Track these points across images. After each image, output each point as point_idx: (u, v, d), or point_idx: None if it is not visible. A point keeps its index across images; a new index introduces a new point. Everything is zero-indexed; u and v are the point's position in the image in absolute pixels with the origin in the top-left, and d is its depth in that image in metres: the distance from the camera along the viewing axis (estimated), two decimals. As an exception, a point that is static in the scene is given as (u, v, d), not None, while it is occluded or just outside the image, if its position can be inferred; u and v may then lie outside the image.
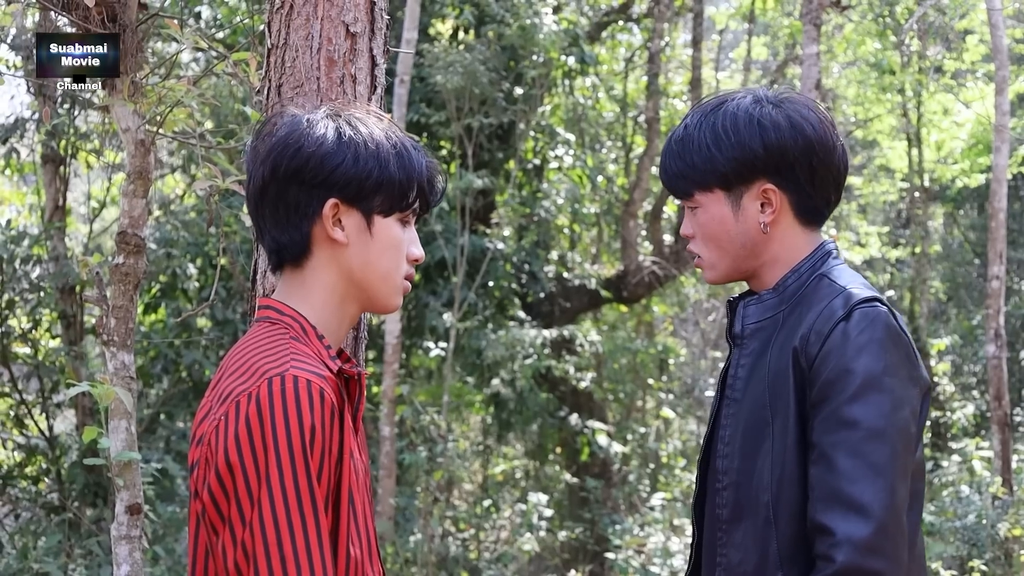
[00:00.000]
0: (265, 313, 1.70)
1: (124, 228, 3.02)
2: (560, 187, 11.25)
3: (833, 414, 1.80)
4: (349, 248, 1.69)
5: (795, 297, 1.96)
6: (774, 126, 1.98)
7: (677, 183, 2.03)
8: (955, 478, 9.14)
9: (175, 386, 8.76)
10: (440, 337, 9.96)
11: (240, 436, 1.51)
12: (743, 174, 1.98)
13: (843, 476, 1.77)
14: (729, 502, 1.94)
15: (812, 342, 1.85)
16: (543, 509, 9.66)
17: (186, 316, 3.37)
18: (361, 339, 2.29)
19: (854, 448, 1.77)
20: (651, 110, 11.83)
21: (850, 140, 14.00)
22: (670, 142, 2.05)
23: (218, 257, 8.56)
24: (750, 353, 1.98)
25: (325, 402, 1.53)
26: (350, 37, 2.24)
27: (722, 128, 1.98)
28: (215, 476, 1.52)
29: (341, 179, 1.66)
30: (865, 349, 1.81)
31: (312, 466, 1.51)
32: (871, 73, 12.32)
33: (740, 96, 2.05)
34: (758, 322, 1.99)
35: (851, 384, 1.79)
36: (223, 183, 2.99)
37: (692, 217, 2.04)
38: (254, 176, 1.68)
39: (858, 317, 1.84)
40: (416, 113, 9.94)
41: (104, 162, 8.48)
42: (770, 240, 2.00)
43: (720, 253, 2.02)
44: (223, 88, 7.89)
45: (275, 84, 2.27)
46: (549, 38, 9.80)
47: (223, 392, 1.59)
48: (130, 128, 3.02)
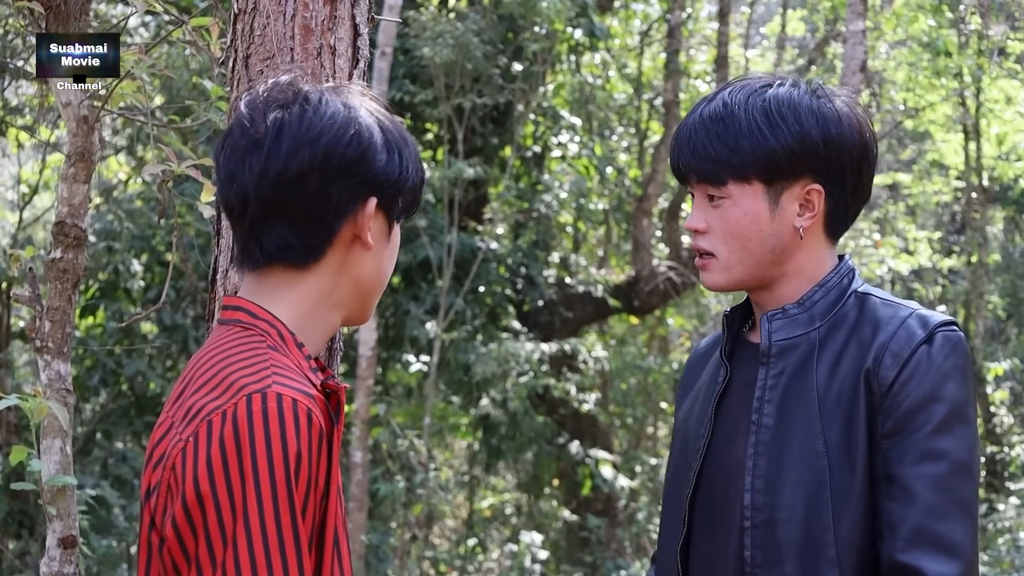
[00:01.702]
0: (235, 315, 1.67)
1: (62, 218, 3.02)
2: (563, 179, 11.27)
3: (917, 445, 1.85)
4: (369, 253, 1.70)
5: (832, 315, 1.99)
6: (835, 120, 2.00)
7: (709, 167, 2.00)
8: (1013, 523, 9.17)
9: (114, 400, 8.76)
10: (422, 349, 9.96)
11: (213, 462, 1.48)
12: (794, 168, 1.98)
13: (930, 513, 1.83)
14: (764, 543, 1.93)
15: (888, 365, 1.89)
16: (537, 550, 9.67)
17: (132, 320, 3.36)
18: (336, 351, 2.29)
19: (941, 483, 1.83)
20: (670, 92, 11.86)
21: (898, 131, 14.05)
22: (702, 118, 2.02)
23: (169, 253, 8.57)
24: (780, 373, 1.98)
25: (313, 425, 1.52)
26: (329, 2, 2.24)
27: (777, 112, 1.98)
28: (181, 508, 1.49)
29: (387, 179, 1.67)
30: (951, 376, 1.88)
31: (296, 500, 1.49)
32: (924, 54, 12.35)
33: (780, 81, 2.05)
34: (788, 339, 2.00)
35: (937, 413, 1.86)
36: (178, 168, 2.99)
37: (711, 209, 2.03)
38: (286, 156, 1.62)
39: (941, 341, 1.90)
40: (399, 90, 9.96)
41: (38, 140, 8.48)
42: (800, 248, 2.02)
43: (743, 255, 2.02)
44: (176, 58, 7.90)
45: (242, 55, 2.26)
46: (553, 7, 9.82)
47: (190, 407, 1.56)
48: (71, 103, 3.03)
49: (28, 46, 6.84)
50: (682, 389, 2.26)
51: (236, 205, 1.66)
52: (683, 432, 2.14)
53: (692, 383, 2.22)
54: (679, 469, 2.11)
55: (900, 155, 15.07)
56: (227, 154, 1.66)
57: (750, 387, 2.01)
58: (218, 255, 2.29)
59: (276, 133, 1.62)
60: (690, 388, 2.21)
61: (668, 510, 2.13)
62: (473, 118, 10.18)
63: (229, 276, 2.25)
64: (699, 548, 2.03)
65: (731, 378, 2.07)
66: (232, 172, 1.65)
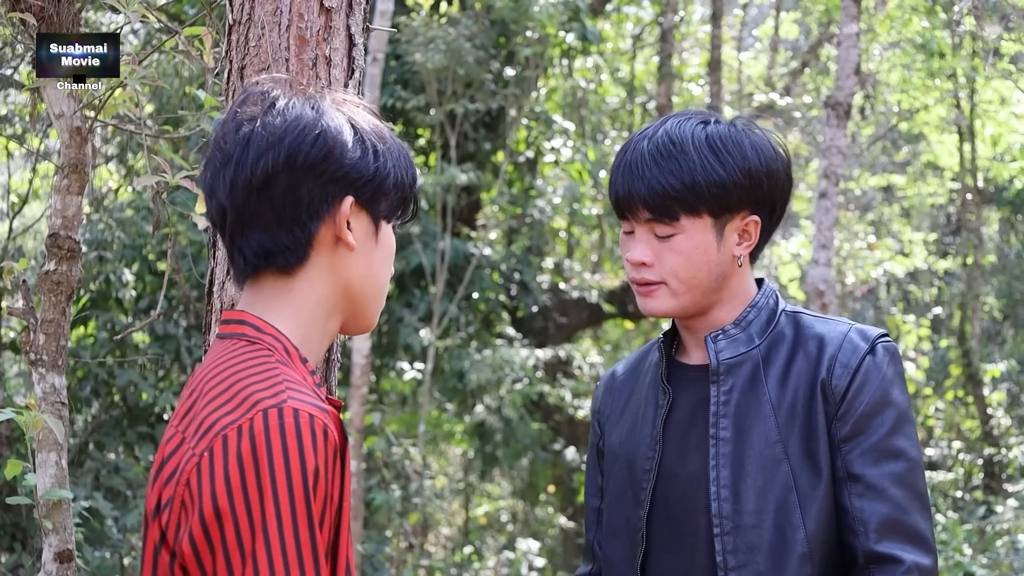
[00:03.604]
0: (240, 329, 1.67)
1: (56, 230, 3.01)
2: (557, 184, 11.28)
3: (876, 447, 2.06)
4: (354, 255, 1.70)
5: (769, 334, 2.16)
6: (771, 153, 2.14)
7: (663, 203, 2.08)
8: (1011, 525, 9.18)
9: (106, 411, 8.73)
10: (416, 357, 9.96)
11: (231, 478, 1.49)
12: (740, 200, 2.11)
13: (897, 507, 2.04)
14: (735, 547, 2.07)
15: (839, 375, 2.08)
16: (533, 558, 9.67)
17: (126, 332, 3.36)
18: (334, 361, 2.30)
19: (902, 479, 2.06)
20: (662, 95, 11.88)
21: (893, 133, 14.07)
22: (650, 154, 2.10)
23: (161, 262, 8.55)
24: (730, 390, 2.13)
25: (328, 441, 1.53)
26: (324, 12, 2.25)
27: (723, 147, 2.10)
28: (199, 523, 1.50)
29: (361, 176, 1.67)
30: (894, 383, 2.10)
31: (315, 515, 1.50)
32: (918, 56, 12.38)
33: (714, 118, 2.15)
34: (734, 357, 2.14)
35: (889, 417, 2.07)
36: (172, 179, 2.99)
37: (656, 241, 2.12)
38: (252, 163, 1.63)
39: (881, 352, 2.11)
40: (391, 97, 9.97)
41: (28, 149, 8.47)
42: (735, 274, 2.17)
43: (692, 284, 2.13)
44: (167, 67, 7.89)
45: (237, 65, 2.27)
46: (545, 11, 9.84)
47: (203, 422, 1.56)
48: (64, 113, 3.02)
49: (17, 54, 6.84)
50: (610, 414, 2.34)
51: (217, 219, 1.69)
52: (625, 455, 2.24)
53: (621, 408, 2.31)
54: (625, 491, 2.21)
55: (895, 157, 15.09)
56: (208, 171, 1.69)
57: (697, 405, 2.16)
58: (214, 267, 2.29)
59: (244, 143, 1.65)
60: (621, 412, 2.30)
61: (615, 531, 2.23)
62: (465, 123, 10.19)
63: (226, 288, 2.26)
64: (662, 562, 2.16)
65: (673, 399, 2.18)
66: (212, 187, 1.68)
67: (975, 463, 12.26)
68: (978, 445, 12.51)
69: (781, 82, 13.61)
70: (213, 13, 3.09)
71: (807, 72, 13.43)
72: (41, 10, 3.02)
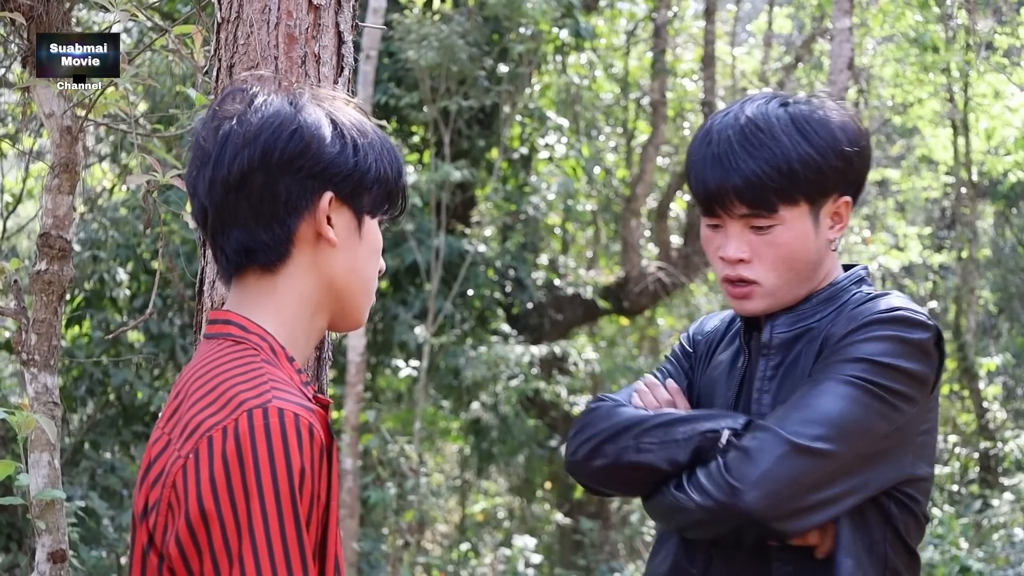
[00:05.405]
0: (226, 329, 1.67)
1: (47, 229, 3.01)
2: (551, 180, 11.28)
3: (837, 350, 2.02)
4: (337, 251, 1.69)
5: (830, 313, 2.05)
6: (853, 129, 2.04)
7: (760, 194, 1.98)
8: (1007, 519, 9.19)
9: (101, 411, 8.73)
10: (411, 354, 9.96)
11: (217, 479, 1.49)
12: (835, 183, 2.02)
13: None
14: None
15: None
16: (530, 554, 9.67)
17: (120, 331, 3.36)
18: (324, 360, 2.29)
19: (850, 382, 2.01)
20: (656, 91, 11.88)
21: (887, 127, 14.08)
22: (731, 143, 2.00)
23: (155, 261, 8.55)
24: (778, 365, 2.06)
25: (315, 440, 1.52)
26: (313, 10, 2.25)
27: (811, 127, 2.00)
28: (185, 526, 1.50)
29: (340, 171, 1.66)
30: (880, 339, 2.01)
31: (301, 515, 1.50)
32: (911, 50, 12.38)
33: (781, 98, 2.05)
34: (787, 331, 2.07)
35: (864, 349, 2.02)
36: (163, 178, 2.99)
37: (754, 236, 2.03)
38: (228, 161, 1.63)
39: (888, 318, 2.00)
40: (384, 94, 9.96)
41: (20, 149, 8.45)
42: (828, 260, 2.08)
43: (791, 277, 2.04)
44: (159, 65, 7.89)
45: (226, 64, 2.27)
46: (539, 7, 9.83)
47: (188, 423, 1.56)
48: (54, 113, 3.02)
49: (9, 54, 6.83)
50: (698, 360, 2.25)
51: (199, 218, 1.69)
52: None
53: (707, 361, 2.23)
54: None
55: (889, 151, 15.10)
56: (191, 172, 1.69)
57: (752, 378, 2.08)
58: (204, 266, 2.29)
59: (223, 141, 1.64)
60: (704, 366, 2.22)
61: None
62: (459, 121, 10.18)
63: (216, 287, 2.26)
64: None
65: (748, 366, 2.11)
66: (194, 188, 1.68)
67: (971, 457, 12.27)
68: (974, 439, 12.53)
69: (775, 77, 13.61)
70: (204, 11, 3.09)
71: (801, 67, 13.43)
72: (30, 9, 3.02)
